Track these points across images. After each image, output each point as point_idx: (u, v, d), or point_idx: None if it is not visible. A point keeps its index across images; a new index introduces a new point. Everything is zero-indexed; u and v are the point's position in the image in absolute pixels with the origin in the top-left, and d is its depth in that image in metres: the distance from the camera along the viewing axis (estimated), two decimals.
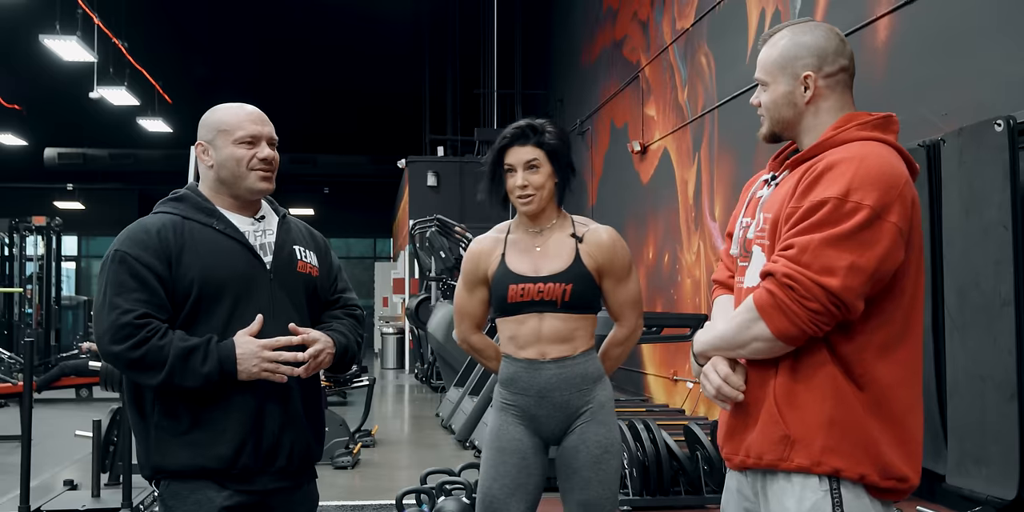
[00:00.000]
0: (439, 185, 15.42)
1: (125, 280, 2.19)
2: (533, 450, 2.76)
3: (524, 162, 2.72)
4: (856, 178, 1.79)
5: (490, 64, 15.02)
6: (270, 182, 2.36)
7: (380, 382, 14.32)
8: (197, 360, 2.15)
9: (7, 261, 13.57)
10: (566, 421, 2.74)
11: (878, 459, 1.82)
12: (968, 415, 4.08)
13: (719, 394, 1.92)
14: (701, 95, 8.26)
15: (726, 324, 1.92)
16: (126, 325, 2.14)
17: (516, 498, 2.72)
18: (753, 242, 1.97)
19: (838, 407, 1.82)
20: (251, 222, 2.37)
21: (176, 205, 2.34)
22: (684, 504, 4.95)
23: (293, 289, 2.36)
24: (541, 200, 2.75)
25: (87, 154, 21.53)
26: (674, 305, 8.84)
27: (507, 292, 2.74)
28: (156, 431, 2.22)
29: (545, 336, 2.72)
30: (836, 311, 1.77)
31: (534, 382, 2.73)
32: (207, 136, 2.34)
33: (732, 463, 1.99)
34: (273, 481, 2.28)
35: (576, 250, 2.75)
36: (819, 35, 1.96)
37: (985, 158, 4.02)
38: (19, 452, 4.90)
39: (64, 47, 13.35)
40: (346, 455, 6.80)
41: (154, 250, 2.21)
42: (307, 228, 2.56)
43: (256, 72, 20.65)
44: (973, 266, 4.06)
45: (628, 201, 10.57)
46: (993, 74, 4.38)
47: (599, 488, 2.70)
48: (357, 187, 23.68)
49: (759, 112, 2.04)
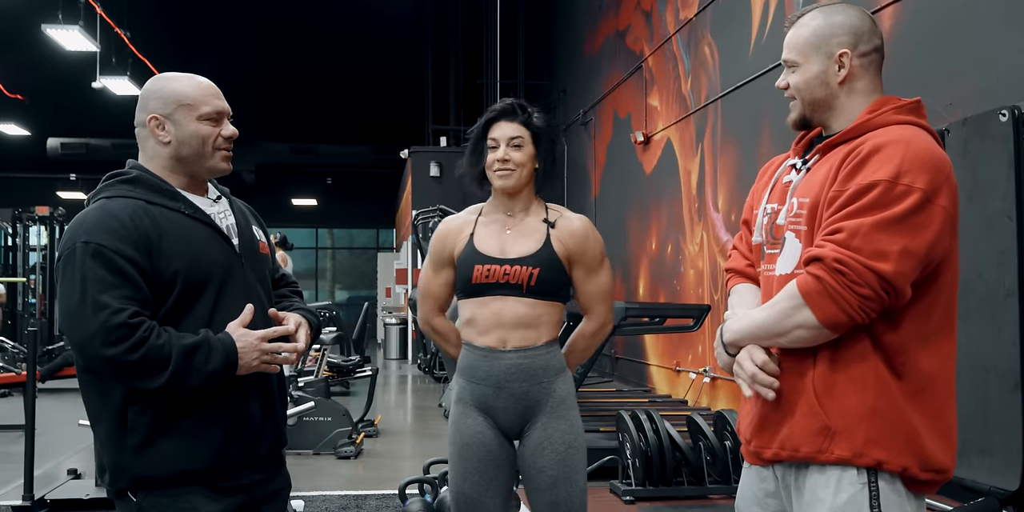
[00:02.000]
0: (442, 175, 15.40)
1: (104, 275, 1.96)
2: (497, 441, 2.67)
3: (508, 138, 2.68)
4: (906, 161, 1.74)
5: (493, 54, 14.98)
6: (230, 163, 2.22)
7: (383, 372, 14.34)
8: (201, 358, 1.99)
9: (10, 251, 13.60)
10: (524, 414, 2.65)
11: (920, 451, 1.78)
12: (971, 406, 4.08)
13: (754, 383, 1.84)
14: (704, 85, 8.24)
15: (764, 312, 1.85)
16: (120, 326, 1.93)
17: (489, 493, 2.65)
18: (785, 228, 1.90)
19: (880, 397, 1.77)
20: (210, 203, 2.22)
21: (130, 188, 2.12)
22: (687, 494, 4.95)
23: (260, 272, 2.27)
24: (519, 178, 2.68)
25: (90, 144, 21.50)
26: (677, 296, 8.84)
27: (472, 272, 2.66)
28: (132, 435, 2.03)
29: (507, 321, 2.63)
30: (886, 297, 1.72)
31: (492, 371, 2.64)
32: (163, 109, 2.14)
33: (762, 457, 1.91)
34: (255, 473, 2.19)
35: (547, 235, 2.68)
36: (852, 14, 1.92)
37: (990, 148, 4.01)
38: (23, 441, 4.92)
39: (66, 37, 13.34)
40: (349, 445, 6.81)
41: (131, 240, 2.00)
42: (247, 207, 2.41)
43: (258, 62, 20.61)
44: (977, 257, 4.05)
45: (631, 191, 10.55)
46: (998, 64, 4.37)
47: (567, 485, 2.62)
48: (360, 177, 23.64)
49: (788, 94, 1.97)
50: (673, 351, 8.83)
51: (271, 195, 21.52)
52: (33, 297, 13.61)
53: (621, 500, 4.98)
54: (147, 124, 2.16)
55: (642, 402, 7.77)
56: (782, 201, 1.94)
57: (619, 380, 10.25)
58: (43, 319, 13.10)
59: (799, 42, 1.93)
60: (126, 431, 2.03)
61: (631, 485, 5.04)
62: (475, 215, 2.80)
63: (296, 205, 24.60)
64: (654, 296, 9.56)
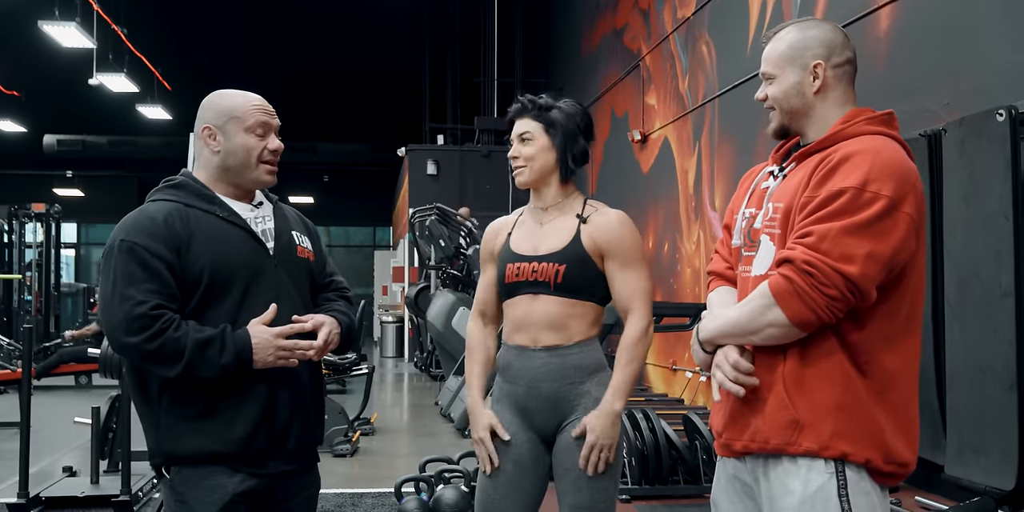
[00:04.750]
0: (439, 174, 15.40)
1: (135, 270, 2.15)
2: (528, 445, 2.59)
3: (518, 134, 2.67)
4: (874, 169, 1.83)
5: (490, 52, 14.99)
6: (274, 176, 2.36)
7: (379, 370, 14.33)
8: (215, 351, 2.13)
9: (6, 248, 13.56)
10: (558, 415, 2.57)
11: (883, 445, 1.86)
12: (967, 405, 4.08)
13: (735, 381, 1.91)
14: (702, 84, 8.24)
15: (738, 310, 1.93)
16: (141, 316, 2.11)
17: (512, 497, 2.58)
18: (761, 232, 1.99)
19: (846, 393, 1.85)
20: (250, 209, 2.37)
21: (175, 192, 2.30)
22: (683, 493, 4.96)
23: (296, 274, 2.38)
24: (532, 172, 2.65)
25: (86, 141, 21.48)
26: (674, 295, 8.84)
27: (505, 271, 2.64)
28: (166, 417, 2.21)
29: (536, 320, 2.58)
30: (852, 298, 1.80)
31: (524, 370, 2.59)
32: (216, 120, 2.31)
33: (732, 449, 1.99)
34: (283, 464, 2.30)
35: (577, 231, 2.61)
36: (826, 28, 2.02)
37: (986, 148, 4.01)
38: (18, 439, 4.90)
39: (63, 33, 13.32)
40: (345, 443, 6.81)
41: (163, 239, 2.18)
42: (297, 214, 2.56)
43: (255, 59, 20.59)
44: (973, 257, 4.06)
45: (628, 190, 10.56)
46: (995, 63, 4.37)
47: (591, 491, 2.53)
48: (357, 175, 23.65)
49: (767, 106, 2.06)
50: (669, 350, 8.83)
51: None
52: (29, 294, 13.59)
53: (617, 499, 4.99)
54: (201, 134, 2.33)
55: (638, 401, 7.78)
56: (759, 206, 2.03)
57: None
58: (39, 316, 13.09)
59: (775, 55, 2.03)
60: (160, 414, 2.22)
61: (627, 484, 5.04)
62: (517, 215, 2.78)
63: (293, 203, 24.39)
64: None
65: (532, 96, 2.71)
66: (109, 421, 5.56)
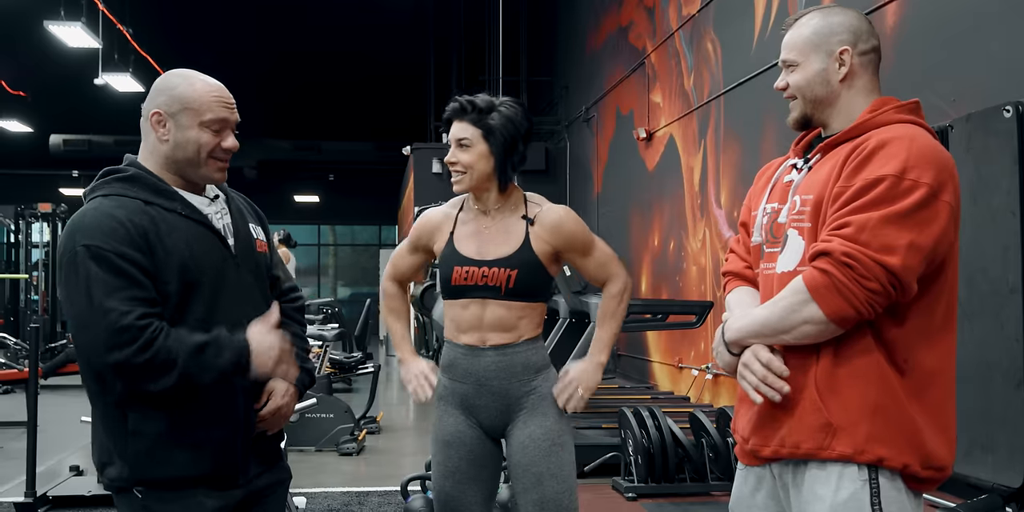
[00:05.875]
0: (444, 172, 15.38)
1: (109, 279, 1.93)
2: (478, 440, 2.62)
3: (456, 139, 2.59)
4: (912, 157, 1.75)
5: (495, 51, 14.96)
6: (225, 173, 2.17)
7: (385, 369, 14.34)
8: (211, 354, 1.96)
9: (13, 248, 13.60)
10: (506, 412, 2.60)
11: (921, 448, 1.78)
12: (975, 402, 4.07)
13: (765, 384, 1.82)
14: (707, 82, 8.22)
15: (768, 309, 1.84)
16: (127, 327, 1.90)
17: (471, 492, 2.60)
18: (787, 226, 1.90)
19: (883, 394, 1.76)
20: (208, 203, 2.18)
21: (128, 187, 2.07)
22: (689, 491, 4.95)
23: (256, 271, 2.23)
24: (472, 180, 2.59)
25: (92, 141, 21.48)
26: (679, 292, 8.83)
27: (452, 274, 2.61)
28: (134, 440, 2.01)
29: (487, 323, 2.59)
30: (893, 291, 1.72)
31: (473, 369, 2.60)
32: (169, 107, 2.09)
33: (760, 455, 1.90)
34: (257, 466, 2.20)
35: (526, 234, 2.59)
36: (851, 14, 1.94)
37: (993, 144, 4.00)
38: (25, 438, 4.92)
39: (69, 33, 13.33)
40: (351, 442, 6.81)
41: (131, 241, 1.97)
42: (247, 201, 2.36)
43: (261, 58, 20.59)
44: (981, 253, 4.04)
45: (633, 188, 10.54)
46: (1002, 59, 4.35)
47: (553, 483, 2.53)
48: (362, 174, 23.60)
49: (787, 95, 1.98)
50: (675, 348, 8.82)
51: (273, 192, 21.49)
52: (35, 294, 13.61)
53: (623, 497, 4.98)
54: (150, 118, 2.12)
55: (644, 399, 7.77)
56: (783, 200, 1.94)
57: (621, 377, 10.24)
58: (45, 316, 13.11)
59: (799, 42, 1.94)
60: (127, 437, 2.02)
61: (633, 482, 5.04)
62: (456, 209, 2.72)
63: (298, 202, 24.59)
64: (656, 293, 9.55)
65: (470, 97, 2.62)
66: None
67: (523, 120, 2.61)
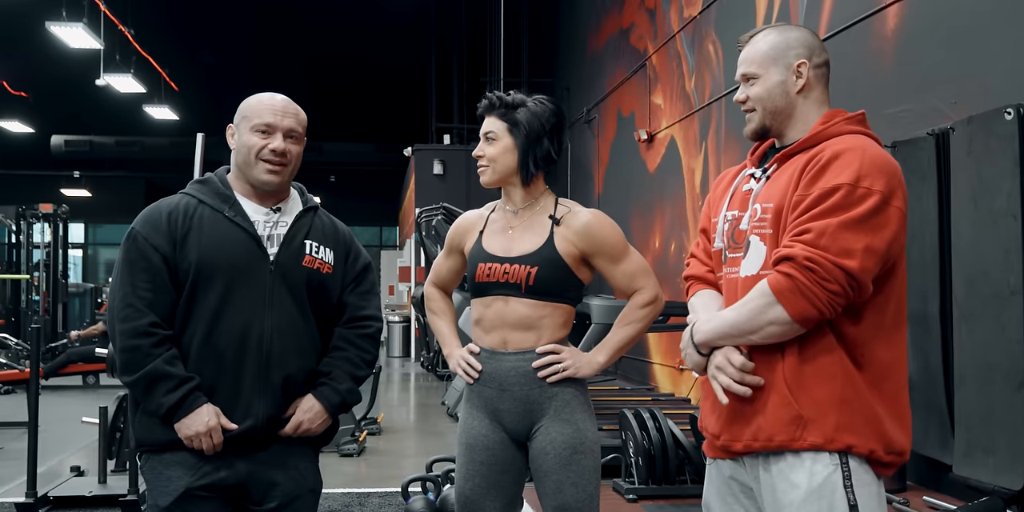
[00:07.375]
0: (445, 173, 15.40)
1: (136, 259, 2.29)
2: (502, 445, 2.60)
3: (484, 133, 2.63)
4: (864, 166, 1.87)
5: (496, 52, 14.98)
6: (277, 176, 2.35)
7: (386, 370, 14.34)
8: (164, 388, 2.23)
9: (14, 248, 13.62)
10: (529, 417, 2.57)
11: (883, 435, 1.89)
12: (975, 404, 4.07)
13: (740, 383, 1.92)
14: (708, 83, 8.23)
15: (735, 311, 1.94)
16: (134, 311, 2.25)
17: (491, 497, 2.59)
18: (748, 233, 2.01)
19: (847, 386, 1.88)
20: (265, 212, 2.39)
21: (199, 188, 2.40)
22: (689, 493, 4.94)
23: (295, 283, 2.36)
24: (495, 173, 2.61)
25: (94, 141, 21.52)
26: (680, 294, 8.82)
27: (476, 271, 2.62)
28: (141, 414, 2.34)
29: (508, 322, 2.57)
30: (852, 292, 1.84)
31: (495, 373, 2.59)
32: (236, 120, 2.41)
33: (732, 450, 1.99)
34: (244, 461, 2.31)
35: (551, 233, 2.58)
36: (804, 31, 2.09)
37: (994, 147, 4.00)
38: (26, 438, 4.92)
39: (70, 34, 13.35)
40: (352, 443, 6.81)
41: (163, 232, 2.30)
42: (334, 226, 2.52)
43: (261, 60, 20.62)
44: (982, 255, 4.05)
45: (635, 190, 10.55)
46: (1003, 62, 4.35)
47: (573, 491, 2.52)
48: (363, 175, 23.65)
49: (746, 107, 2.09)
50: (676, 350, 8.82)
51: None
52: (36, 294, 13.62)
53: (624, 498, 4.98)
54: (228, 132, 2.44)
55: (645, 400, 7.76)
56: (743, 208, 2.05)
57: (622, 378, 10.24)
58: (46, 316, 13.12)
59: (757, 56, 2.08)
60: (138, 411, 2.35)
61: (634, 483, 5.04)
62: (488, 211, 2.74)
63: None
64: None
65: (500, 93, 2.65)
66: (116, 421, 5.57)
67: (550, 116, 2.62)
